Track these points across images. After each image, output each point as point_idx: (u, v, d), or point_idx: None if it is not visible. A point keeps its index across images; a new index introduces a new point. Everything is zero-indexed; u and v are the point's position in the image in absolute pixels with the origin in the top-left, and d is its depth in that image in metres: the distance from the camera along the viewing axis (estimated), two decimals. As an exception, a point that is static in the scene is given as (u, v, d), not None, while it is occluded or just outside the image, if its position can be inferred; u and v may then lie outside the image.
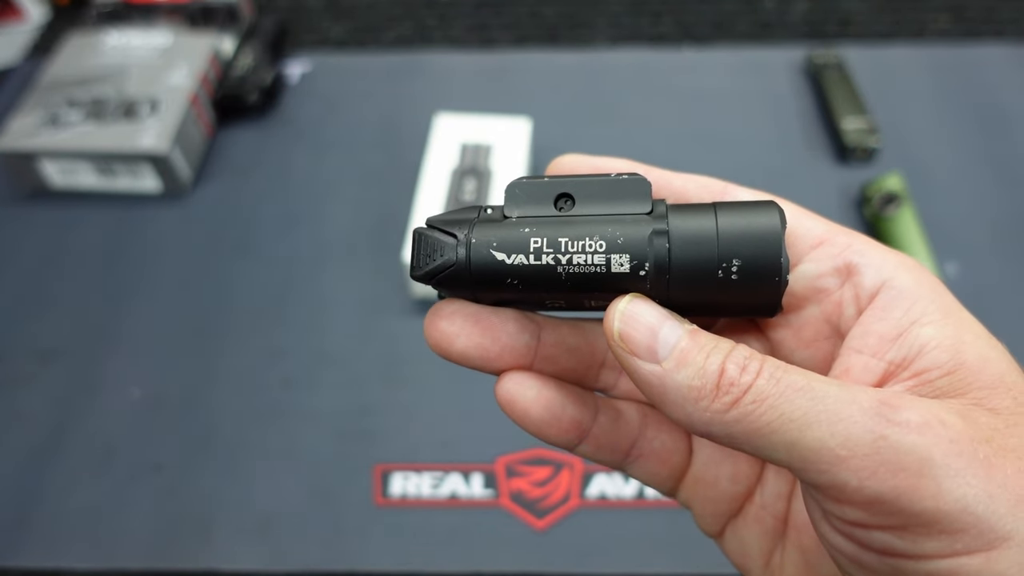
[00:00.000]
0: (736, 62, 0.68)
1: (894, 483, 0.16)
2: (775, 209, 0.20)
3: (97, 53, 0.64)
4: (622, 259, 0.19)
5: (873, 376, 0.20)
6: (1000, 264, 0.54)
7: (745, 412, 0.17)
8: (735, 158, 0.61)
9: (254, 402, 0.50)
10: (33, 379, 0.51)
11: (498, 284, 0.20)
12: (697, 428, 0.18)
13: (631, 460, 0.24)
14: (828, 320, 0.22)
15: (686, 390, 0.18)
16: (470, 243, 0.20)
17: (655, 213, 0.20)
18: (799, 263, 0.22)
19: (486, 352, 0.22)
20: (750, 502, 0.24)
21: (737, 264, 0.19)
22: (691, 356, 0.18)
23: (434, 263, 0.20)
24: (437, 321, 0.22)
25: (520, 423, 0.22)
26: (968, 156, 0.60)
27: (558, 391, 0.22)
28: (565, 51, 0.70)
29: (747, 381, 0.18)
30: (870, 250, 0.21)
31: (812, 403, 0.17)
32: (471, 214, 0.21)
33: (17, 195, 0.61)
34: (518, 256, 0.20)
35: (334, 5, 0.76)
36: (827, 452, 0.16)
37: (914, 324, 0.19)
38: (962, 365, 0.18)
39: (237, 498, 0.46)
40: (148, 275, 0.56)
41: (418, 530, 0.44)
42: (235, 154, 0.63)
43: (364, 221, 0.58)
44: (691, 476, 0.25)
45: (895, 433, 0.16)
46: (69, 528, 0.45)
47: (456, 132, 0.58)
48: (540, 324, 0.23)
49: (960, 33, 0.69)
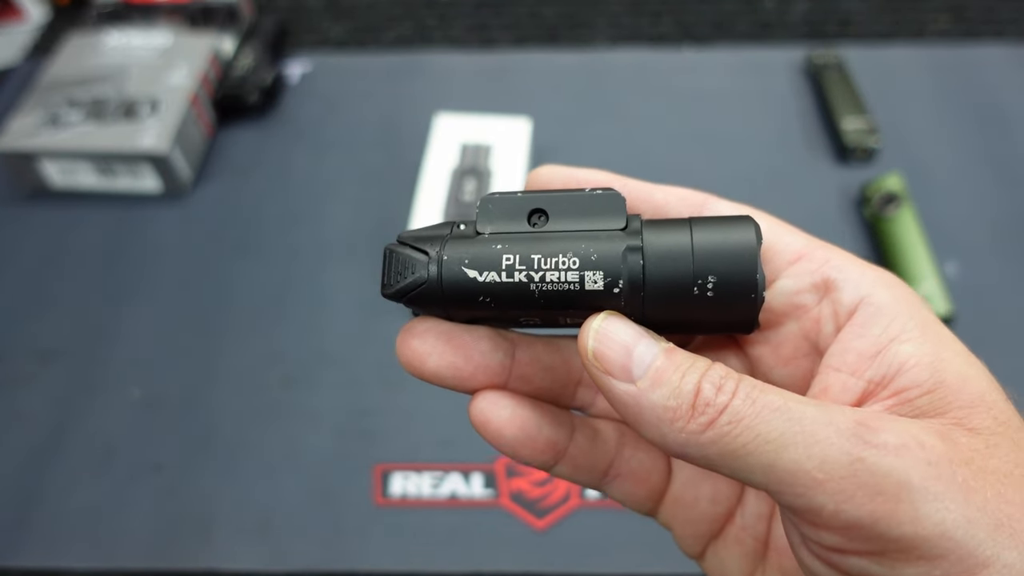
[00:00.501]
0: (736, 62, 0.68)
1: (871, 507, 0.16)
2: (751, 224, 0.20)
3: (97, 53, 0.64)
4: (596, 276, 0.19)
5: (852, 395, 0.19)
6: (1000, 264, 0.54)
7: (721, 433, 0.17)
8: (735, 158, 0.61)
9: (254, 402, 0.50)
10: (33, 379, 0.51)
11: (470, 302, 0.20)
12: (673, 449, 0.18)
13: (608, 480, 0.24)
14: (807, 337, 0.22)
15: (661, 410, 0.18)
16: (441, 260, 0.20)
17: (629, 229, 0.20)
18: (777, 278, 0.22)
19: (459, 371, 0.21)
20: (731, 523, 0.24)
21: (713, 280, 0.19)
22: (666, 376, 0.18)
23: (405, 281, 0.20)
24: (409, 340, 0.21)
25: (494, 444, 0.22)
26: (968, 156, 0.60)
27: (533, 411, 0.22)
28: (565, 51, 0.70)
29: (723, 401, 0.17)
30: (848, 265, 0.21)
31: (789, 424, 0.17)
32: (444, 230, 0.21)
33: (17, 195, 0.61)
34: (490, 274, 0.20)
35: (334, 5, 0.76)
36: (804, 475, 0.16)
37: (893, 341, 0.19)
38: (942, 384, 0.18)
39: (237, 498, 0.46)
40: (148, 275, 0.56)
41: (418, 530, 0.44)
42: (235, 154, 0.63)
43: (364, 221, 0.58)
44: (670, 497, 0.24)
45: (872, 455, 0.16)
46: (69, 528, 0.45)
47: (456, 132, 0.58)
48: (514, 342, 0.22)
49: (960, 33, 0.69)
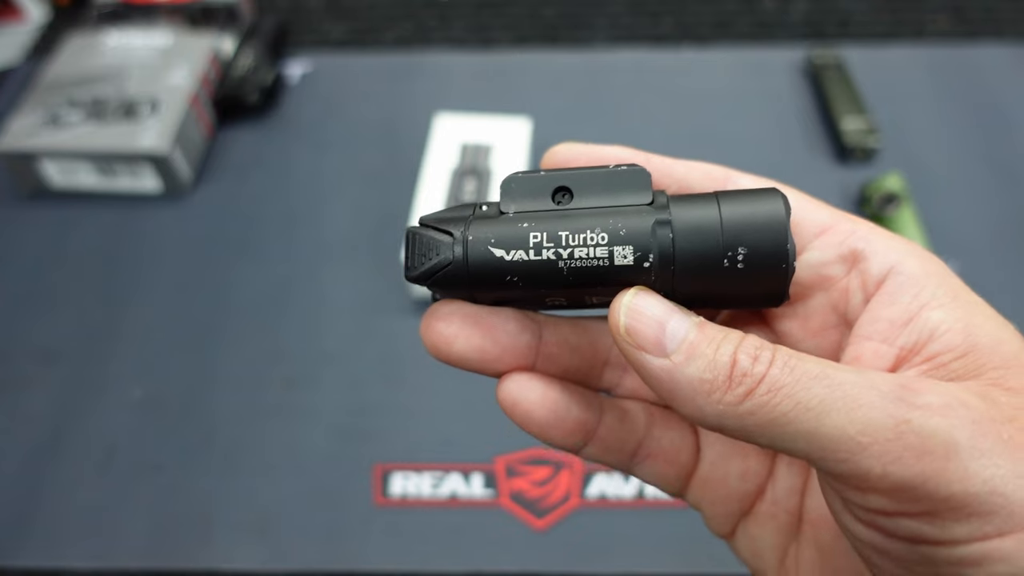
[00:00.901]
0: (736, 62, 0.68)
1: (920, 468, 0.16)
2: (779, 196, 0.19)
3: (97, 53, 0.64)
4: (625, 251, 0.19)
5: (885, 362, 0.19)
6: (1000, 264, 0.54)
7: (760, 403, 0.17)
8: (735, 158, 0.60)
9: (254, 402, 0.50)
10: (33, 379, 0.51)
11: (497, 282, 0.20)
12: (709, 422, 0.18)
13: (638, 461, 0.24)
14: (835, 308, 0.21)
15: (697, 383, 0.18)
16: (467, 240, 0.20)
17: (656, 204, 0.20)
18: (803, 251, 0.22)
19: (486, 354, 0.21)
20: (761, 499, 0.24)
21: (743, 252, 0.19)
22: (701, 348, 0.18)
23: (430, 263, 0.20)
24: (434, 323, 0.21)
25: (523, 426, 0.22)
26: (968, 156, 0.60)
27: (562, 392, 0.22)
28: (565, 51, 0.70)
29: (760, 371, 0.17)
30: (875, 236, 0.21)
31: (829, 390, 0.17)
32: (466, 211, 0.21)
33: (17, 195, 0.61)
34: (517, 252, 0.19)
35: (334, 5, 0.76)
36: (847, 439, 0.16)
37: (923, 308, 0.19)
38: (975, 347, 0.18)
39: (237, 498, 0.46)
40: (148, 275, 0.56)
41: (418, 530, 0.44)
42: (235, 154, 0.63)
43: (364, 221, 0.58)
44: (699, 475, 0.24)
45: (918, 417, 0.16)
46: (70, 528, 0.45)
47: (456, 132, 0.58)
48: (541, 323, 0.22)
49: (960, 33, 0.69)
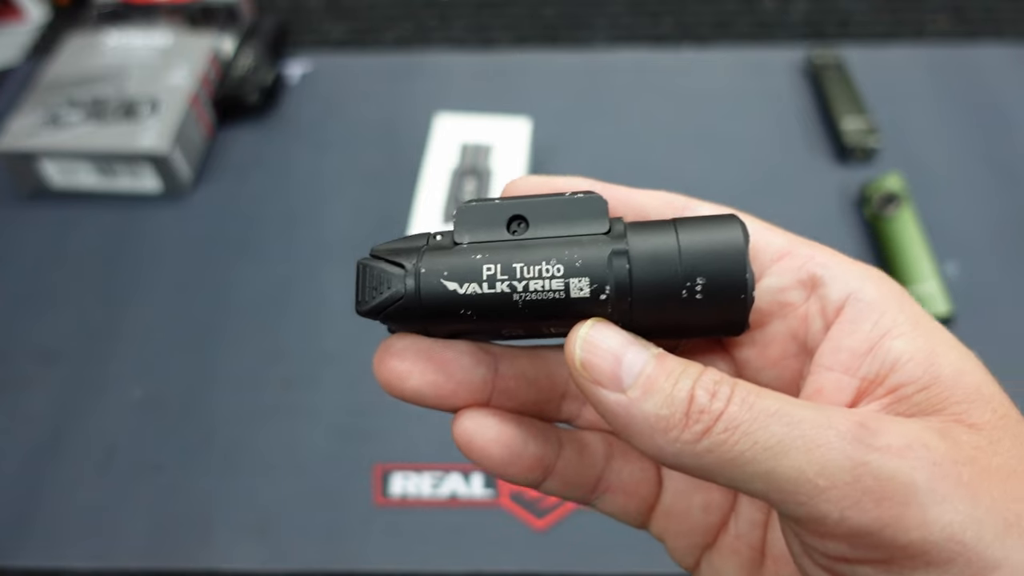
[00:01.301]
0: (736, 62, 0.68)
1: (878, 513, 0.15)
2: (737, 223, 0.19)
3: (97, 53, 0.64)
4: (581, 283, 0.19)
5: (847, 394, 0.19)
6: (1000, 264, 0.54)
7: (717, 441, 0.16)
8: (735, 158, 0.61)
9: (254, 402, 0.50)
10: (33, 379, 0.51)
11: (451, 316, 0.19)
12: (668, 460, 0.17)
13: (598, 494, 0.23)
14: (794, 336, 0.21)
15: (654, 420, 0.17)
16: (419, 273, 0.19)
17: (613, 232, 0.19)
18: (762, 277, 0.21)
19: (440, 389, 0.21)
20: (724, 532, 0.23)
21: (701, 283, 0.18)
22: (658, 383, 0.17)
23: (381, 296, 0.19)
24: (387, 359, 0.20)
25: (480, 464, 0.21)
26: (968, 156, 0.60)
27: (519, 428, 0.21)
28: (565, 51, 0.70)
29: (718, 408, 0.17)
30: (833, 261, 0.20)
31: (787, 429, 0.16)
32: (419, 242, 0.20)
33: (17, 195, 0.61)
34: (471, 285, 0.19)
35: (334, 5, 0.76)
36: (805, 482, 0.16)
37: (884, 337, 0.19)
38: (937, 378, 0.18)
39: (237, 498, 0.46)
40: (148, 275, 0.56)
41: (418, 530, 0.44)
42: (235, 154, 0.63)
43: (364, 221, 0.58)
44: (661, 508, 0.24)
45: (876, 459, 0.16)
46: (70, 528, 0.45)
47: (456, 132, 0.58)
48: (497, 356, 0.22)
49: (960, 33, 0.69)
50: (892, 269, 0.52)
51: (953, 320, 0.50)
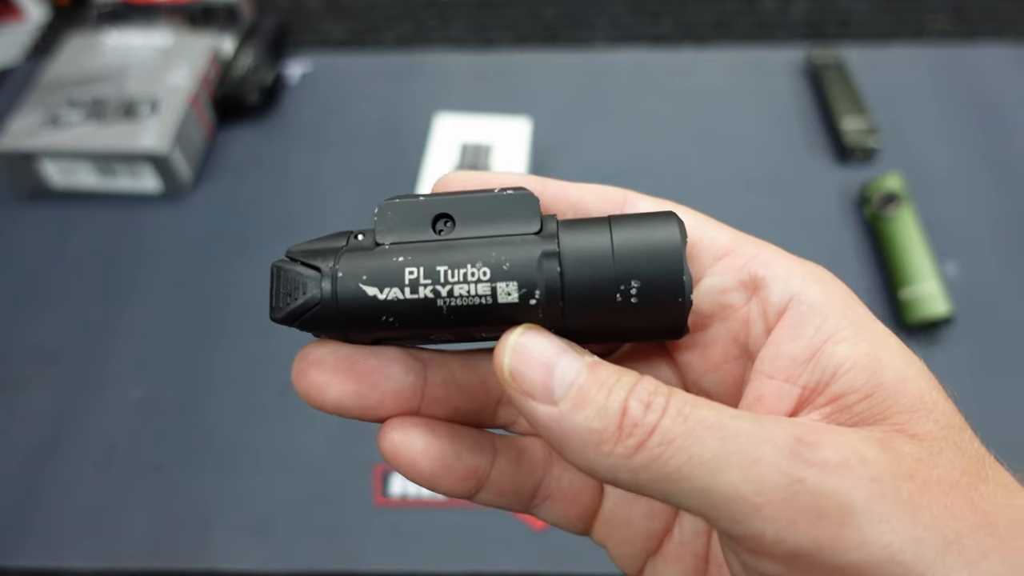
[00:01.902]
0: (736, 62, 0.68)
1: (814, 534, 0.15)
2: (674, 221, 0.18)
3: (97, 53, 0.64)
4: (509, 287, 0.17)
5: (788, 403, 0.18)
6: (1000, 264, 0.54)
7: (652, 456, 0.16)
8: (735, 158, 0.61)
9: (254, 402, 0.50)
10: (33, 379, 0.51)
11: (371, 323, 0.18)
12: (602, 475, 0.17)
13: (537, 502, 0.22)
14: (736, 339, 0.20)
15: (586, 433, 0.16)
16: (336, 276, 0.18)
17: (545, 232, 0.18)
18: (702, 277, 0.20)
19: (364, 400, 0.19)
20: (668, 539, 0.22)
21: (636, 285, 0.18)
22: (591, 394, 0.17)
23: (295, 303, 0.18)
24: (306, 369, 0.19)
25: (408, 477, 0.20)
26: (968, 156, 0.60)
27: (449, 438, 0.20)
28: (565, 51, 0.70)
29: (652, 421, 0.16)
30: (776, 261, 0.19)
31: (723, 443, 0.15)
32: (339, 242, 0.19)
33: (17, 195, 0.61)
34: (392, 290, 0.18)
35: (334, 5, 0.76)
36: (741, 500, 0.15)
37: (827, 342, 0.18)
38: (880, 386, 0.17)
39: (237, 498, 0.46)
40: (148, 275, 0.56)
41: (418, 530, 0.44)
42: (235, 154, 0.63)
43: (364, 221, 0.58)
44: (603, 515, 0.23)
45: (812, 475, 0.15)
46: (69, 528, 0.45)
47: (456, 132, 0.58)
48: (426, 362, 0.20)
49: (960, 33, 0.69)
50: (892, 269, 0.52)
51: (953, 320, 0.50)
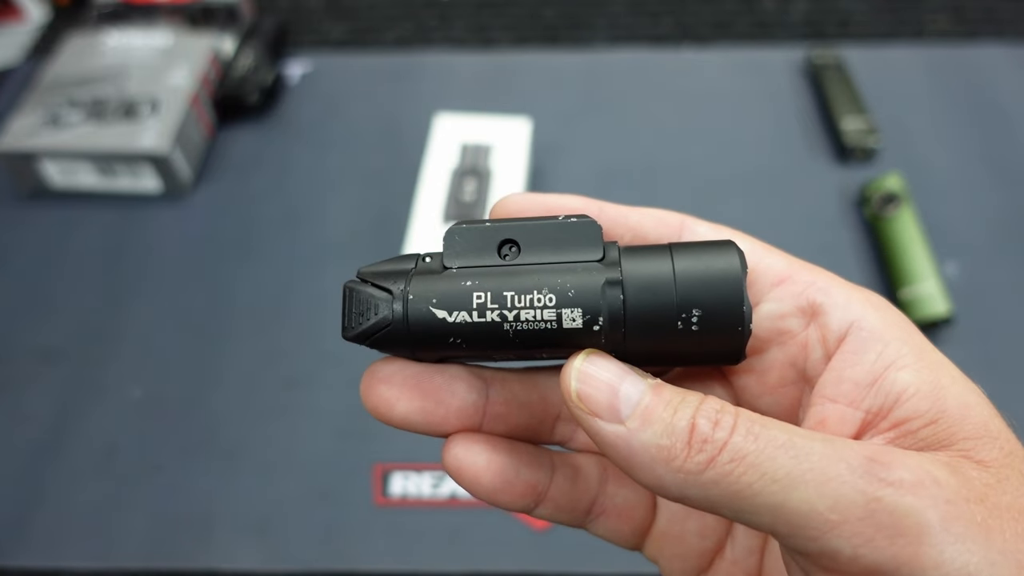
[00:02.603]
0: (736, 62, 0.68)
1: (893, 552, 0.15)
2: (734, 251, 0.19)
3: (97, 53, 0.64)
4: (574, 314, 0.18)
5: (851, 427, 0.18)
6: (1000, 264, 0.54)
7: (723, 473, 0.16)
8: (735, 158, 0.61)
9: (254, 402, 0.50)
10: (33, 379, 0.51)
11: (440, 344, 0.19)
12: (671, 492, 0.17)
13: (592, 518, 0.23)
14: (793, 364, 0.21)
15: (655, 450, 0.17)
16: (407, 299, 0.19)
17: (607, 259, 0.19)
18: (760, 303, 0.21)
19: (430, 416, 0.20)
20: (720, 557, 0.23)
21: (697, 314, 0.18)
22: (657, 412, 0.17)
23: (368, 323, 0.19)
24: (375, 385, 0.20)
25: (471, 491, 0.21)
26: (968, 156, 0.60)
27: (510, 455, 0.21)
28: (565, 51, 0.70)
29: (721, 437, 0.16)
30: (834, 288, 0.20)
31: (796, 461, 0.16)
32: (408, 264, 0.20)
33: (17, 195, 0.61)
34: (460, 314, 0.18)
35: (334, 5, 0.76)
36: (816, 516, 0.15)
37: (888, 368, 0.18)
38: (944, 413, 0.17)
39: (237, 498, 0.46)
40: (148, 275, 0.56)
41: (418, 530, 0.44)
42: (235, 154, 0.63)
43: (364, 221, 0.58)
44: (656, 531, 0.23)
45: (889, 494, 0.15)
46: (69, 528, 0.45)
47: (456, 132, 0.58)
48: (488, 380, 0.21)
49: (960, 33, 0.69)
50: (892, 269, 0.52)
51: (953, 320, 0.50)
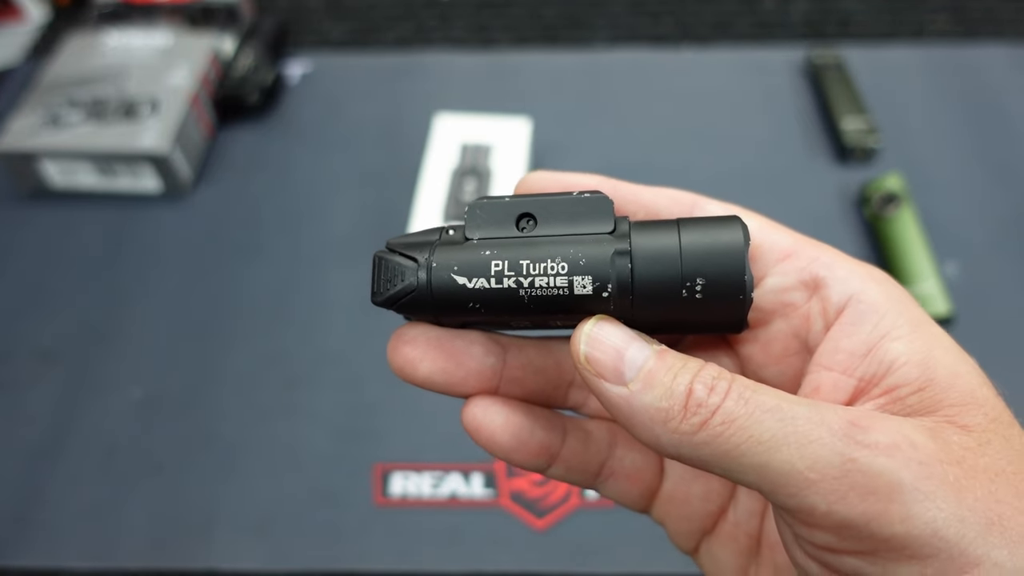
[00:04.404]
0: (736, 62, 0.68)
1: (863, 507, 0.16)
2: (738, 224, 0.20)
3: (97, 53, 0.64)
4: (584, 281, 0.19)
5: (844, 394, 0.19)
6: (1000, 264, 0.54)
7: (714, 434, 0.17)
8: (735, 158, 0.61)
9: (254, 402, 0.50)
10: (33, 379, 0.51)
11: (460, 308, 0.20)
12: (666, 450, 0.18)
13: (602, 480, 0.24)
14: (796, 335, 0.22)
15: (654, 411, 0.18)
16: (431, 267, 0.20)
17: (618, 232, 0.20)
18: (765, 277, 0.22)
19: (451, 376, 0.22)
20: (723, 519, 0.24)
21: (701, 283, 0.19)
22: (658, 377, 0.18)
23: (395, 288, 0.20)
24: (400, 346, 0.21)
25: (488, 449, 0.22)
26: (968, 156, 0.60)
27: (525, 416, 0.22)
28: (565, 51, 0.70)
29: (715, 402, 0.17)
30: (837, 263, 0.21)
31: (781, 424, 0.17)
32: (433, 236, 0.21)
33: (17, 195, 0.61)
34: (479, 280, 0.20)
35: (334, 5, 0.76)
36: (796, 475, 0.16)
37: (883, 339, 0.19)
38: (932, 381, 0.18)
39: (237, 498, 0.46)
40: (148, 275, 0.56)
41: (418, 530, 0.44)
42: (235, 154, 0.63)
43: (365, 221, 0.58)
44: (663, 494, 0.25)
45: (864, 456, 0.16)
46: (69, 528, 0.45)
47: (456, 132, 0.58)
48: (506, 345, 0.23)
49: (960, 33, 0.69)
50: (892, 269, 0.52)
51: (953, 320, 0.50)
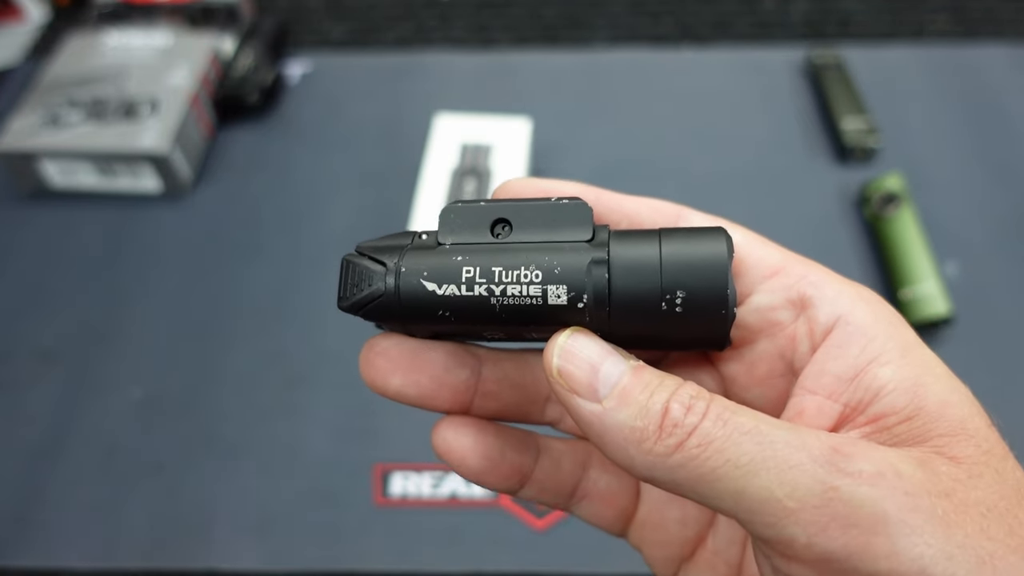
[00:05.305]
0: (736, 62, 0.68)
1: (845, 540, 0.15)
2: (722, 236, 0.19)
3: (97, 53, 0.64)
4: (559, 290, 0.18)
5: (828, 420, 0.19)
6: (1000, 264, 0.54)
7: (689, 456, 0.16)
8: (735, 158, 0.61)
9: (254, 402, 0.50)
10: (33, 379, 0.51)
11: (429, 316, 0.19)
12: (640, 472, 0.17)
13: (576, 501, 0.23)
14: (782, 356, 0.21)
15: (628, 431, 0.17)
16: (399, 272, 0.19)
17: (596, 240, 0.19)
18: (751, 294, 0.21)
19: (423, 389, 0.21)
20: (702, 547, 0.23)
21: (681, 296, 0.18)
22: (633, 394, 0.17)
23: (361, 293, 0.19)
24: (372, 358, 0.21)
25: (458, 472, 0.22)
26: (968, 156, 0.60)
27: (496, 437, 0.22)
28: (565, 51, 0.70)
29: (692, 422, 0.17)
30: (825, 282, 0.20)
31: (760, 448, 0.16)
32: (404, 240, 0.20)
33: (17, 195, 0.61)
34: (449, 287, 0.19)
35: (334, 5, 0.76)
36: (775, 503, 0.15)
37: (871, 363, 0.18)
38: (921, 410, 0.17)
39: (237, 498, 0.46)
40: (148, 275, 0.56)
41: (418, 530, 0.44)
42: (235, 154, 0.63)
43: (364, 221, 0.58)
44: (639, 518, 0.24)
45: (847, 484, 0.15)
46: (69, 528, 0.45)
47: (456, 132, 0.58)
48: (482, 358, 0.22)
49: (960, 33, 0.69)
50: (892, 269, 0.52)
51: (953, 320, 0.50)
